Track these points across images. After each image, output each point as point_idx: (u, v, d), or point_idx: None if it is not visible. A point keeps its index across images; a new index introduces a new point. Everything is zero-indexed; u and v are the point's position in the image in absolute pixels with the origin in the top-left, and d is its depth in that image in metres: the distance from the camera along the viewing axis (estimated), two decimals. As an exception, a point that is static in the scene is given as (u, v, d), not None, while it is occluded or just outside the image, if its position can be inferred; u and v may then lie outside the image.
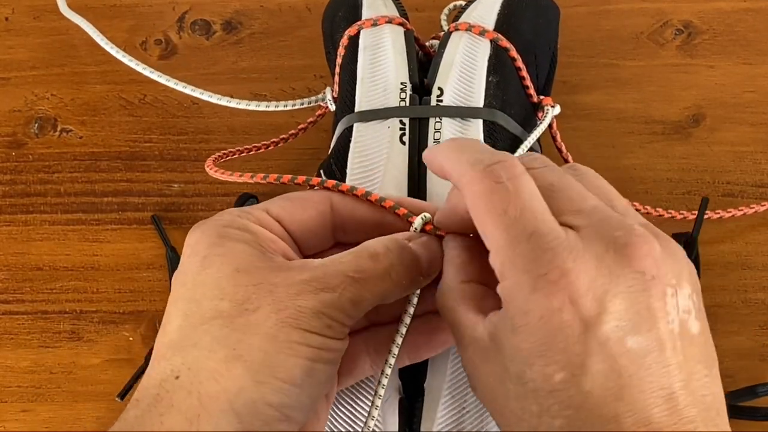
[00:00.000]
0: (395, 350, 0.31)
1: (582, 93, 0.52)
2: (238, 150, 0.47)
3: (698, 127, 0.51)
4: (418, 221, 0.32)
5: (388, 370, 0.31)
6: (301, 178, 0.33)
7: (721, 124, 0.51)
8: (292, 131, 0.48)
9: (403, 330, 0.32)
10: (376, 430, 0.32)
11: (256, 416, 0.27)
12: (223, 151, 0.46)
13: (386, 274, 0.30)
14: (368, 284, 0.29)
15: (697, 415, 0.24)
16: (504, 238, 0.25)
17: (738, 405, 0.39)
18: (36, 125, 0.53)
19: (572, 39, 0.53)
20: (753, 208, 0.47)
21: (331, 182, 0.32)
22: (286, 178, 0.34)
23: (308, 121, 0.47)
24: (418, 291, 0.32)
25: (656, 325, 0.24)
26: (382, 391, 0.32)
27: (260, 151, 0.48)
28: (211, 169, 0.41)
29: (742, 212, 0.46)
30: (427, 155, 0.30)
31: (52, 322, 0.47)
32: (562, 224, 0.25)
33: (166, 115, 0.53)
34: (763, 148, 0.50)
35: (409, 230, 0.32)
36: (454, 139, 0.32)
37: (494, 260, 0.26)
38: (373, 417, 0.32)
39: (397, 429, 0.32)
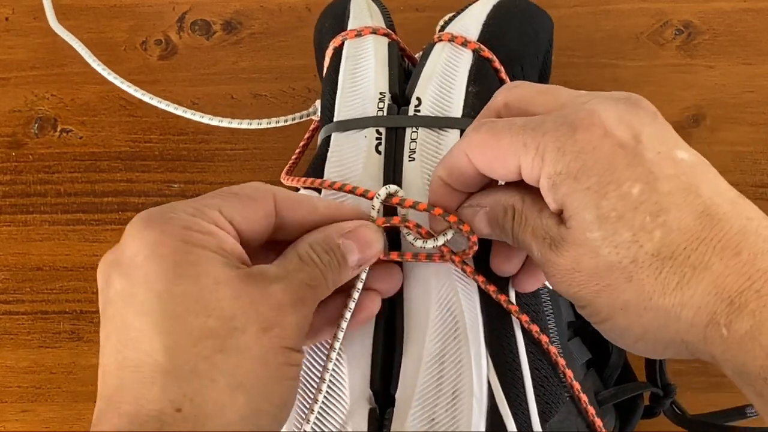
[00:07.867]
0: (345, 321, 0.32)
1: (582, 93, 0.52)
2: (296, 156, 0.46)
3: (698, 127, 0.51)
4: (382, 191, 0.33)
5: (341, 334, 0.32)
6: (371, 193, 0.33)
7: (721, 124, 0.51)
8: (298, 150, 0.46)
9: (352, 305, 0.32)
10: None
11: None
12: (291, 161, 0.45)
13: (324, 280, 0.30)
14: (318, 291, 0.29)
15: (744, 202, 0.27)
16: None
17: (726, 425, 0.38)
18: (36, 125, 0.53)
19: (572, 39, 0.53)
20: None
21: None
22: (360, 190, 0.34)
23: (306, 137, 0.45)
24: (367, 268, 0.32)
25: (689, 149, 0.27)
26: (330, 365, 0.32)
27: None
28: (287, 180, 0.40)
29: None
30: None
31: (52, 322, 0.47)
32: None
33: (166, 115, 0.53)
34: (763, 148, 0.50)
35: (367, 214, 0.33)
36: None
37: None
38: (325, 380, 0.32)
39: None
